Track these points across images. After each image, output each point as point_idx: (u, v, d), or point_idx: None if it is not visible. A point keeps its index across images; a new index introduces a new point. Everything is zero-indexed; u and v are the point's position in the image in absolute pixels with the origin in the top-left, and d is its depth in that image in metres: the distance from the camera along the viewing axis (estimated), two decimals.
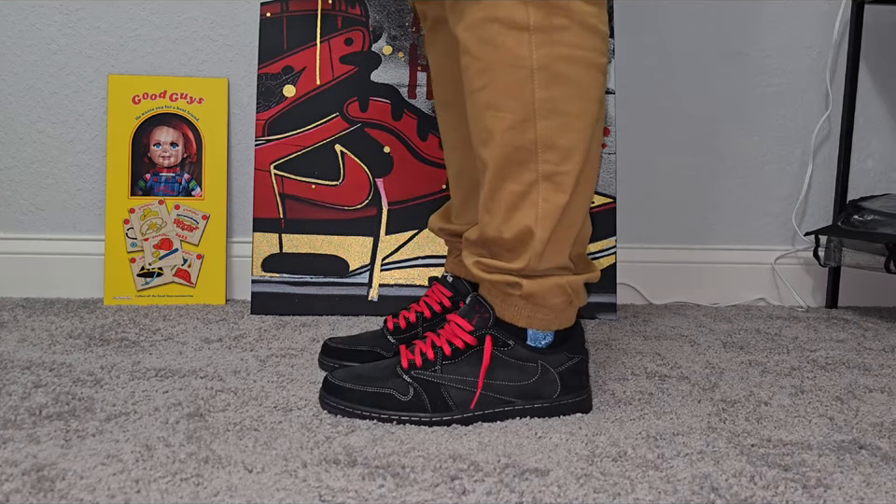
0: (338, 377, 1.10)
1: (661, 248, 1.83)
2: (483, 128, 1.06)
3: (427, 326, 1.27)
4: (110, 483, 0.87)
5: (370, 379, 1.09)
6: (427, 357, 1.09)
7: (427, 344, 1.10)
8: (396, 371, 1.09)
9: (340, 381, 1.09)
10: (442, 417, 1.07)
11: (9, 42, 1.68)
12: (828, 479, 0.93)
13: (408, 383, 1.07)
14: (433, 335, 1.12)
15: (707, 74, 1.81)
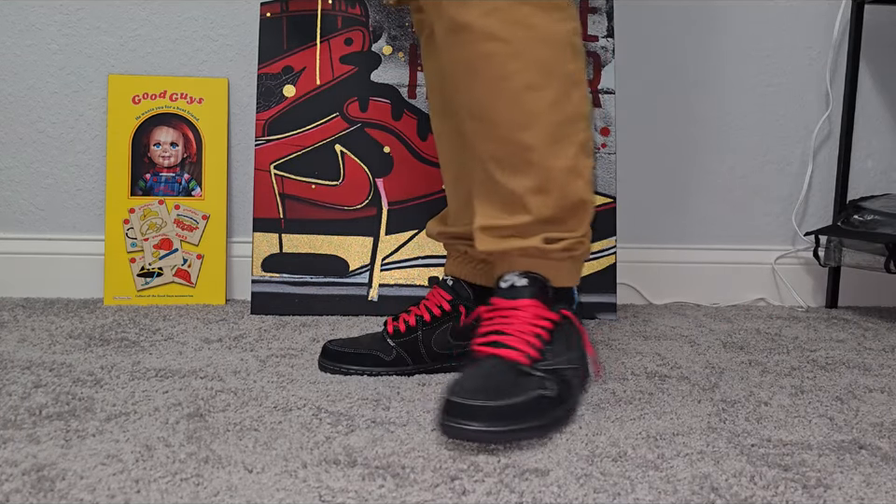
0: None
1: (661, 248, 1.83)
2: (523, 111, 1.07)
3: (428, 330, 1.26)
4: (110, 482, 0.87)
5: (499, 392, 0.98)
6: (538, 347, 1.05)
7: (521, 340, 1.04)
8: (522, 370, 1.02)
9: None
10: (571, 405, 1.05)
11: (9, 42, 1.68)
12: (828, 479, 0.93)
13: (540, 377, 1.02)
14: (517, 329, 1.05)
15: (707, 74, 1.81)
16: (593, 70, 1.69)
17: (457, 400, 0.94)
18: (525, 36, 1.05)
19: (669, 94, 1.81)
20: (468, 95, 1.11)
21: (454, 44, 1.09)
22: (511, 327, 1.06)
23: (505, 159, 1.10)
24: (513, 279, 1.10)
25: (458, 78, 1.11)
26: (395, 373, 1.26)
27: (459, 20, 1.06)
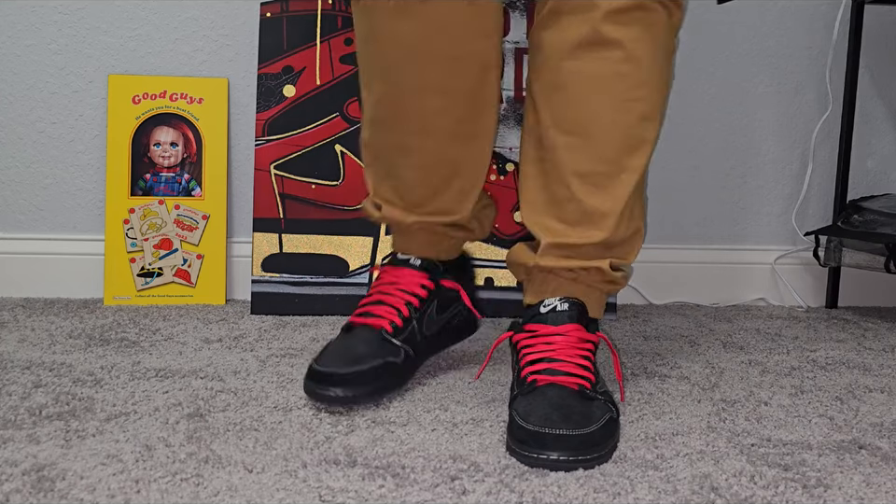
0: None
1: (661, 248, 1.83)
2: (636, 138, 1.10)
3: (419, 316, 1.19)
4: (110, 483, 0.87)
5: (579, 419, 0.99)
6: (591, 370, 1.06)
7: (576, 366, 1.04)
8: (587, 394, 1.02)
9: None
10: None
11: (9, 42, 1.68)
12: (828, 479, 0.93)
13: (602, 400, 1.03)
14: (566, 354, 1.05)
15: (706, 74, 1.81)
16: None
17: (540, 430, 0.95)
18: (656, 61, 1.10)
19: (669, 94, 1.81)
20: (579, 110, 1.10)
21: (588, 57, 1.08)
22: (559, 352, 1.05)
23: (593, 176, 1.10)
24: (555, 303, 1.09)
25: (577, 92, 1.09)
26: (410, 376, 1.19)
27: (609, 34, 1.06)
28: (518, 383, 1.06)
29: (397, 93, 1.15)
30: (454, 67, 1.13)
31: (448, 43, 1.11)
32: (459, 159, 1.19)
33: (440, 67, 1.12)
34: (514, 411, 1.00)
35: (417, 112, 1.15)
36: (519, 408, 1.00)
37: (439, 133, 1.16)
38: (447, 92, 1.14)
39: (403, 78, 1.13)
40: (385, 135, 1.20)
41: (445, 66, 1.12)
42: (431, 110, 1.15)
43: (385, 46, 1.13)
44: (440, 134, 1.17)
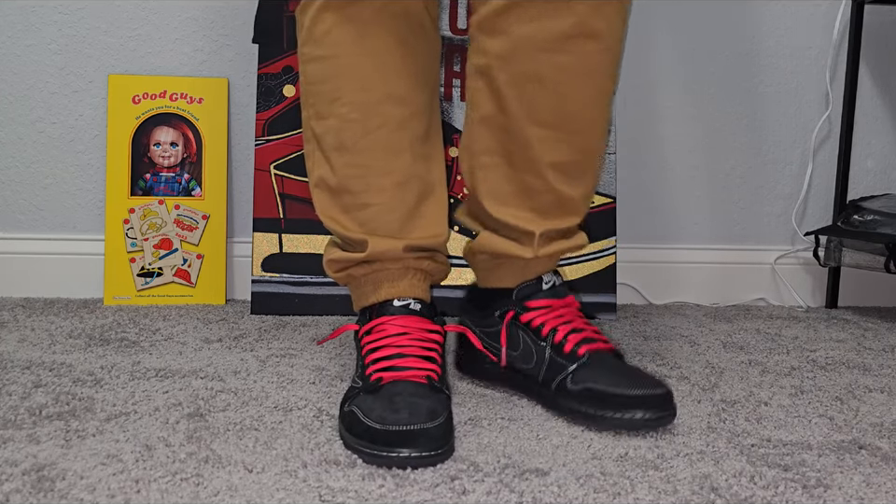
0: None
1: (661, 248, 1.83)
2: (606, 120, 1.13)
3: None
4: (110, 482, 0.87)
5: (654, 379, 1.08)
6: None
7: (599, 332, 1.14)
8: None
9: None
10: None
11: (9, 42, 1.68)
12: (828, 479, 0.93)
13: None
14: (584, 322, 1.14)
15: (707, 74, 1.81)
16: None
17: (647, 393, 1.03)
18: (620, 33, 1.08)
19: (669, 94, 1.81)
20: (561, 104, 1.07)
21: (571, 50, 1.04)
22: (580, 321, 1.14)
23: (571, 165, 1.11)
24: (552, 279, 1.17)
25: (558, 85, 1.06)
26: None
27: (594, 25, 1.04)
28: (570, 357, 1.09)
29: (364, 111, 1.12)
30: (417, 80, 1.15)
31: (412, 58, 1.14)
32: (417, 169, 1.16)
33: (404, 80, 1.14)
34: (595, 382, 1.06)
35: (386, 126, 1.13)
36: (601, 378, 1.06)
37: (408, 146, 1.15)
38: (411, 105, 1.16)
39: (372, 95, 1.12)
40: (355, 159, 1.13)
41: (410, 79, 1.15)
42: (397, 122, 1.13)
43: (359, 59, 1.11)
44: (409, 149, 1.15)
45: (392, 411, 0.96)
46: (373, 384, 1.02)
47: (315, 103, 1.15)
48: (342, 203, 1.15)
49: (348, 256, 1.16)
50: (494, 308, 1.17)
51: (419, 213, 1.15)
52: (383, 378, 1.02)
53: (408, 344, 1.06)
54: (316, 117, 1.15)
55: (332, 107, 1.13)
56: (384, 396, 1.00)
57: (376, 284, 1.15)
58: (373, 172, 1.12)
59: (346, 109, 1.12)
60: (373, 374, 1.04)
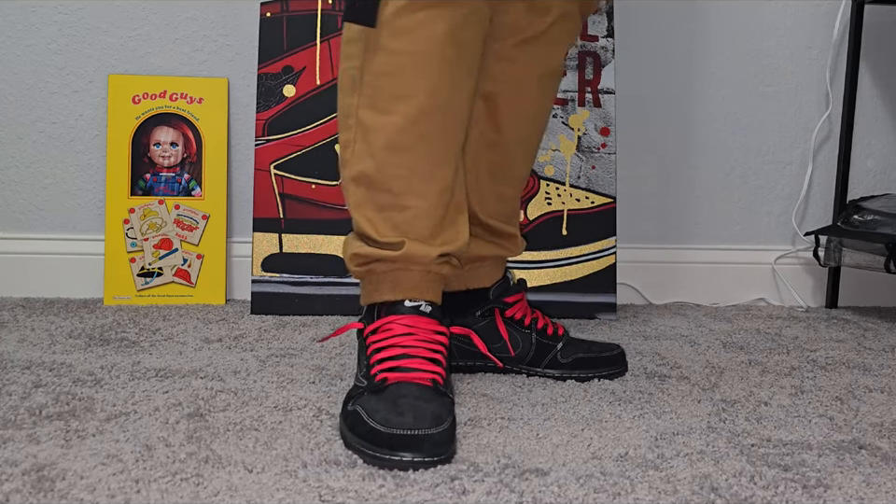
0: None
1: (661, 248, 1.83)
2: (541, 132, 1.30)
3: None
4: (110, 482, 0.87)
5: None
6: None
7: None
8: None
9: None
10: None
11: (9, 42, 1.68)
12: (828, 479, 0.93)
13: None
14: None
15: (707, 74, 1.81)
16: (593, 70, 1.69)
17: (619, 353, 1.31)
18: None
19: (669, 94, 1.81)
20: (535, 128, 1.28)
21: (549, 88, 1.26)
22: (535, 309, 1.31)
23: (525, 178, 1.30)
24: (509, 275, 1.31)
25: (537, 114, 1.27)
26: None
27: (557, 66, 1.25)
28: (554, 338, 1.28)
29: (428, 115, 1.09)
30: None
31: (475, 68, 1.13)
32: (456, 178, 1.16)
33: (467, 91, 1.13)
34: (585, 352, 1.28)
35: (442, 134, 1.11)
36: (582, 349, 1.28)
37: (454, 156, 1.14)
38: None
39: (438, 100, 1.09)
40: (406, 160, 1.09)
41: (471, 91, 1.14)
42: (451, 131, 1.13)
43: (438, 62, 1.07)
44: (454, 159, 1.14)
45: (397, 413, 0.96)
46: (378, 384, 1.02)
47: (372, 94, 1.08)
48: (378, 202, 1.11)
49: (378, 252, 1.10)
50: (474, 309, 1.26)
51: (450, 220, 1.15)
52: (388, 378, 1.02)
53: (414, 345, 1.06)
54: (372, 108, 1.08)
55: (395, 104, 1.07)
56: (388, 397, 0.99)
57: (395, 282, 1.11)
58: (420, 176, 1.10)
59: (412, 110, 1.07)
60: (378, 374, 1.03)
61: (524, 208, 1.67)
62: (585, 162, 1.68)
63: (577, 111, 1.68)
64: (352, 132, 1.10)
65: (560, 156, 1.68)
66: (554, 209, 1.68)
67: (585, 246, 1.68)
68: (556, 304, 1.66)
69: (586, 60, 1.69)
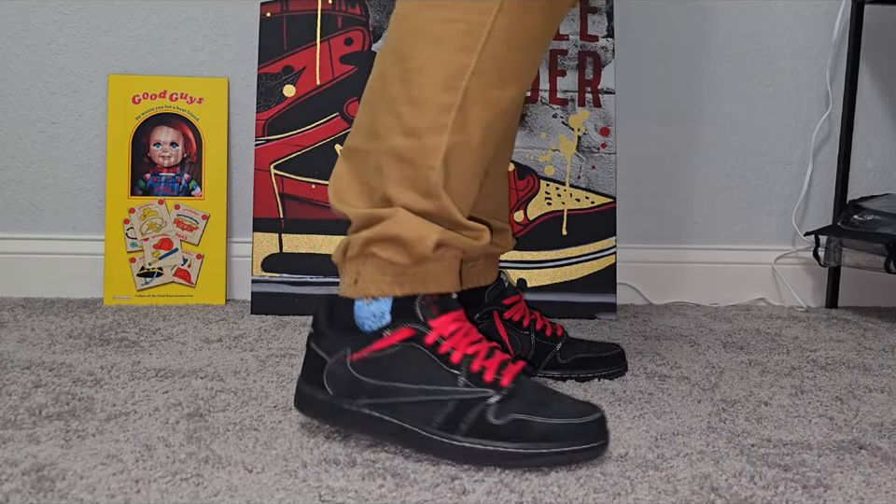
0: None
1: (661, 248, 1.83)
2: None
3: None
4: (110, 482, 0.87)
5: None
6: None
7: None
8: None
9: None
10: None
11: (9, 42, 1.68)
12: (828, 479, 0.93)
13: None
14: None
15: (707, 74, 1.81)
16: (593, 70, 1.69)
17: (619, 351, 1.29)
18: None
19: (669, 94, 1.81)
20: (517, 120, 1.28)
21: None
22: (534, 311, 1.31)
23: (508, 169, 1.29)
24: (504, 278, 1.29)
25: (520, 109, 1.30)
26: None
27: None
28: (553, 338, 1.27)
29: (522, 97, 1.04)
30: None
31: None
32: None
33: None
34: (585, 353, 1.27)
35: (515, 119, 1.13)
36: (581, 349, 1.27)
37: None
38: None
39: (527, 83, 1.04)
40: (494, 144, 1.02)
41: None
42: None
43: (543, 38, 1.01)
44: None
45: (559, 402, 0.93)
46: (507, 388, 0.93)
47: (493, 64, 0.96)
48: (474, 178, 0.99)
49: (466, 242, 0.99)
50: (471, 311, 1.25)
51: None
52: (505, 379, 0.94)
53: (480, 338, 0.98)
54: (485, 78, 0.96)
55: (511, 84, 0.98)
56: (526, 396, 0.93)
57: (450, 272, 1.00)
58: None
59: (517, 94, 1.00)
60: (500, 380, 0.94)
61: (524, 208, 1.67)
62: (585, 162, 1.68)
63: (577, 111, 1.68)
64: (457, 95, 0.95)
65: (560, 156, 1.68)
66: (554, 209, 1.68)
67: (585, 246, 1.68)
68: (556, 304, 1.66)
69: (586, 60, 1.69)
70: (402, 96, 0.95)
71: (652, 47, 1.79)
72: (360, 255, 0.98)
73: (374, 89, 0.99)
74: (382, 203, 0.97)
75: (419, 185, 0.95)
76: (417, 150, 0.94)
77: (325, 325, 0.99)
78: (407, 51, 0.96)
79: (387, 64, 0.98)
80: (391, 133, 0.96)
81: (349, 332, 0.98)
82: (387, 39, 1.01)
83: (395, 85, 0.96)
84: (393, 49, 0.98)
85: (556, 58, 1.69)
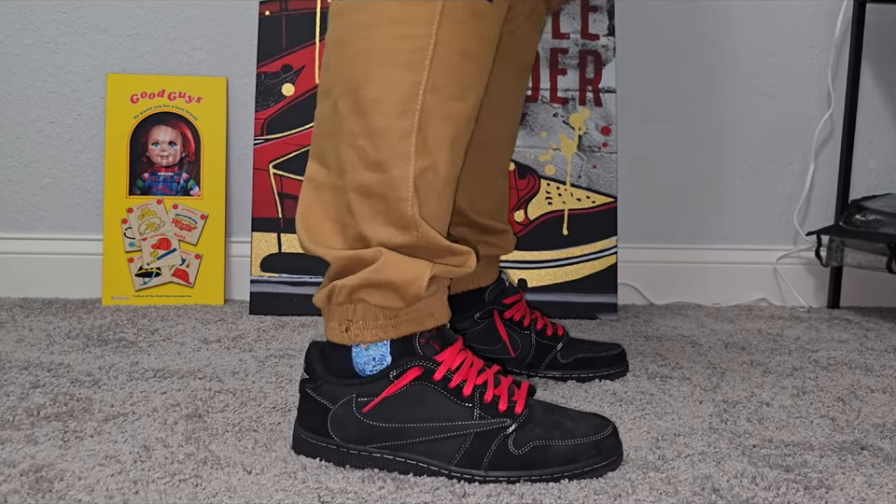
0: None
1: (662, 248, 1.82)
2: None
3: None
4: (108, 483, 0.87)
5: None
6: None
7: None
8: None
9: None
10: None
11: (7, 41, 1.68)
12: (830, 480, 0.93)
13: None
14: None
15: (709, 73, 1.81)
16: (594, 69, 1.69)
17: (620, 350, 1.30)
18: None
19: (670, 93, 1.80)
20: (519, 118, 1.30)
21: (525, 80, 1.29)
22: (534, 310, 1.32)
23: (508, 168, 1.31)
24: (503, 275, 1.30)
25: (521, 107, 1.29)
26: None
27: (531, 59, 1.27)
28: (554, 338, 1.27)
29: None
30: None
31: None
32: None
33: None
34: (585, 352, 1.27)
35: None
36: (582, 349, 1.28)
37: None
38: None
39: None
40: (461, 156, 0.98)
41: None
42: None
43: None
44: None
45: (570, 421, 0.93)
46: (522, 414, 0.93)
47: (448, 75, 0.91)
48: (447, 204, 0.95)
49: (454, 271, 0.96)
50: (472, 311, 1.25)
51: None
52: (518, 405, 0.93)
53: (483, 365, 0.96)
54: (443, 93, 0.90)
55: (468, 92, 0.93)
56: (540, 419, 0.93)
57: (442, 302, 0.97)
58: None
59: (476, 101, 0.95)
60: (514, 406, 0.93)
61: (524, 208, 1.67)
62: (586, 162, 1.68)
63: (578, 110, 1.68)
64: (414, 118, 0.89)
65: (561, 155, 1.68)
66: (555, 209, 1.67)
67: (586, 246, 1.67)
68: (557, 304, 1.65)
69: (587, 58, 1.69)
70: (360, 129, 0.90)
71: (654, 45, 1.79)
72: (348, 301, 0.93)
73: (329, 119, 0.93)
74: (358, 241, 0.92)
75: (394, 219, 0.90)
76: (385, 184, 0.89)
77: (321, 370, 0.95)
78: (356, 79, 0.90)
79: (337, 93, 0.91)
80: (355, 170, 0.90)
81: (349, 377, 0.94)
82: (329, 50, 0.93)
83: (350, 118, 0.90)
84: (341, 76, 0.91)
85: (557, 56, 1.68)
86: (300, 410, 0.97)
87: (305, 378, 0.96)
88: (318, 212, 0.94)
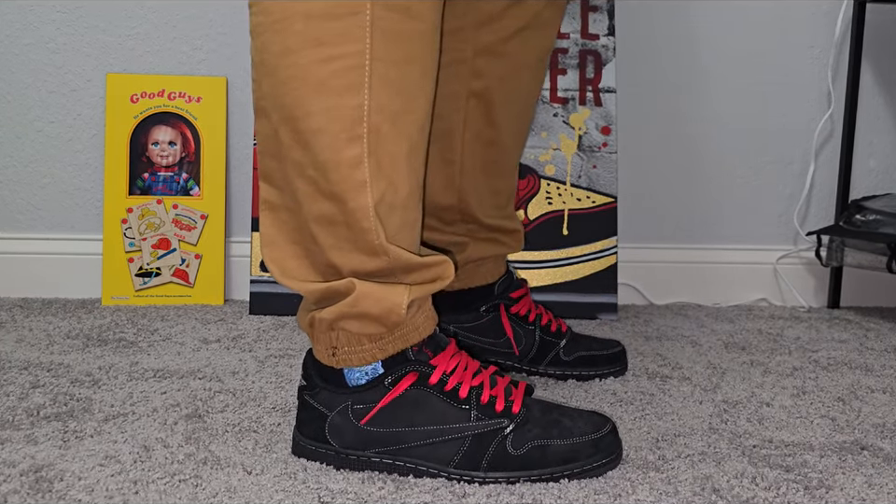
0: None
1: (662, 248, 1.82)
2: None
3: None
4: (108, 483, 0.87)
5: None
6: None
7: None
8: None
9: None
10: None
11: (7, 41, 1.68)
12: (830, 480, 0.93)
13: None
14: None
15: (708, 73, 1.80)
16: (594, 68, 1.69)
17: (621, 349, 1.31)
18: None
19: (671, 93, 1.80)
20: (527, 108, 1.26)
21: (543, 70, 1.25)
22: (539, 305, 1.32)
23: (518, 164, 1.31)
24: (509, 269, 1.30)
25: (529, 94, 1.24)
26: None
27: (551, 47, 1.24)
28: (558, 335, 1.27)
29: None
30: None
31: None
32: None
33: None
34: (587, 350, 1.27)
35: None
36: (584, 347, 1.28)
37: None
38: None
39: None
40: (422, 162, 0.94)
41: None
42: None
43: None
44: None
45: (570, 420, 0.93)
46: (519, 414, 0.92)
47: (391, 91, 0.85)
48: (410, 220, 0.92)
49: (433, 288, 0.94)
50: (478, 304, 1.25)
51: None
52: (515, 405, 0.93)
53: (479, 366, 0.96)
54: (388, 110, 0.85)
55: (415, 101, 0.88)
56: (537, 418, 0.93)
57: (425, 313, 0.95)
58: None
59: (428, 105, 0.90)
60: (511, 406, 0.93)
61: (524, 208, 1.67)
62: (586, 162, 1.68)
63: (578, 110, 1.68)
64: (362, 143, 0.84)
65: (561, 155, 1.68)
66: (555, 209, 1.67)
67: (586, 246, 1.67)
68: (557, 305, 1.65)
69: (587, 58, 1.69)
70: (307, 160, 0.84)
71: (654, 45, 1.79)
72: (331, 330, 0.92)
73: (271, 141, 0.88)
74: (329, 269, 0.89)
75: (360, 245, 0.87)
76: (346, 214, 0.86)
77: (318, 378, 0.94)
78: (291, 108, 0.83)
79: (276, 120, 0.85)
80: (311, 200, 0.86)
81: (342, 386, 0.93)
82: (256, 68, 0.86)
83: (294, 148, 0.85)
84: (275, 102, 0.85)
85: (557, 56, 1.68)
86: (298, 416, 0.97)
87: (303, 385, 0.96)
88: (280, 239, 0.91)
